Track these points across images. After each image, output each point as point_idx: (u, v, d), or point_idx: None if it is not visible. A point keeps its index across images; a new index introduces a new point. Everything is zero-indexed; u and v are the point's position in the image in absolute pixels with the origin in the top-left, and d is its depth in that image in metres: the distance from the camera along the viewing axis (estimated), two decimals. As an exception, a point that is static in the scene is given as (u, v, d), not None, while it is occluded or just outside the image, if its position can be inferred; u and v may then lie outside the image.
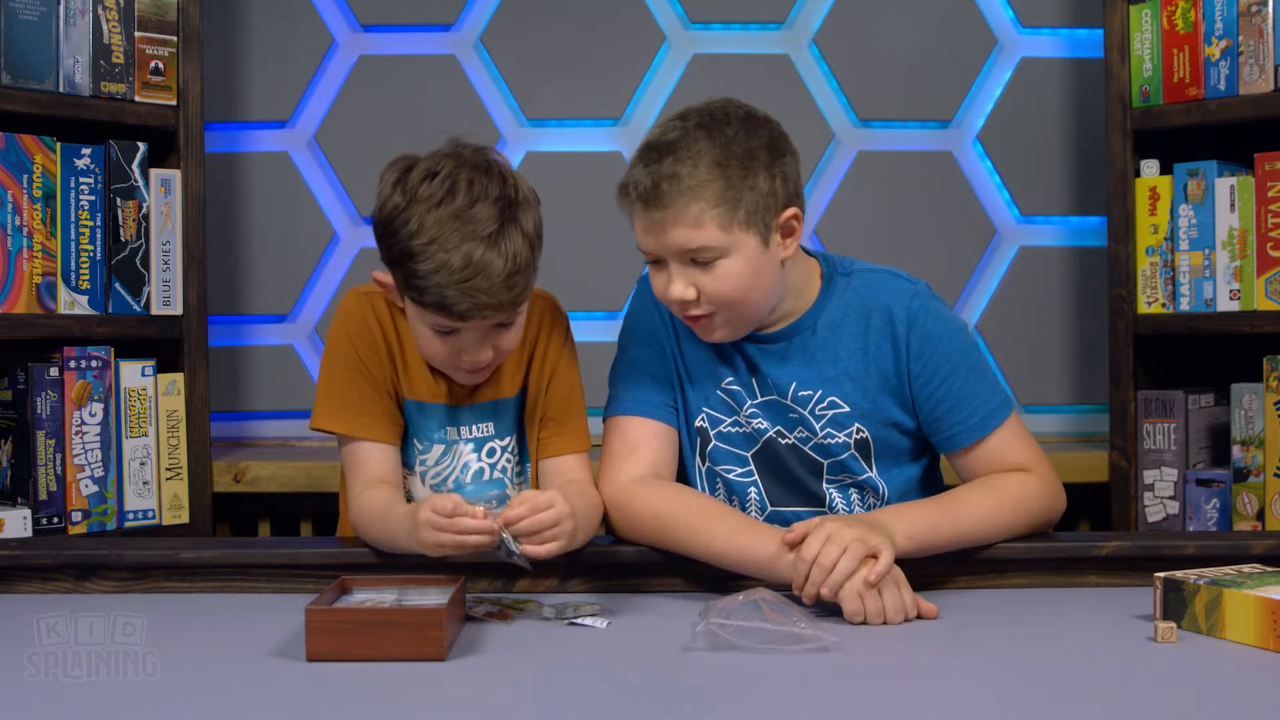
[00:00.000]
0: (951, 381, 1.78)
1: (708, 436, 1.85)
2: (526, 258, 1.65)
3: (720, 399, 1.84)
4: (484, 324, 1.67)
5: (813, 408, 1.80)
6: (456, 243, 1.61)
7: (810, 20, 2.84)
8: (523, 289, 1.66)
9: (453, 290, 1.61)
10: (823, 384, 1.80)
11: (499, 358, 1.74)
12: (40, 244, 2.29)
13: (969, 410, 1.78)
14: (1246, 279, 2.36)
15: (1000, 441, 1.79)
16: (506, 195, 1.65)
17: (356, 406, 1.77)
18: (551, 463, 1.81)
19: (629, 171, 1.72)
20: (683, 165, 1.67)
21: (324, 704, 1.26)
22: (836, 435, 1.80)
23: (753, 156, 1.69)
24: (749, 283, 1.71)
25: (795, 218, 1.73)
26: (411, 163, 1.69)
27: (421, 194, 1.64)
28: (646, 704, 1.28)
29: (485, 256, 1.61)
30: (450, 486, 1.82)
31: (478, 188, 1.64)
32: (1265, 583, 1.48)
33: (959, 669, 1.38)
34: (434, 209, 1.62)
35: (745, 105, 1.75)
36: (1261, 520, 2.33)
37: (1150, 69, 2.47)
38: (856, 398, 1.79)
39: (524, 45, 2.83)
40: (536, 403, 1.82)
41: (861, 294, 1.81)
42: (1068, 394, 2.86)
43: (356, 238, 2.83)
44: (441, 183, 1.64)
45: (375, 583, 1.54)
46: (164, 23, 2.44)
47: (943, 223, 2.84)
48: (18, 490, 2.30)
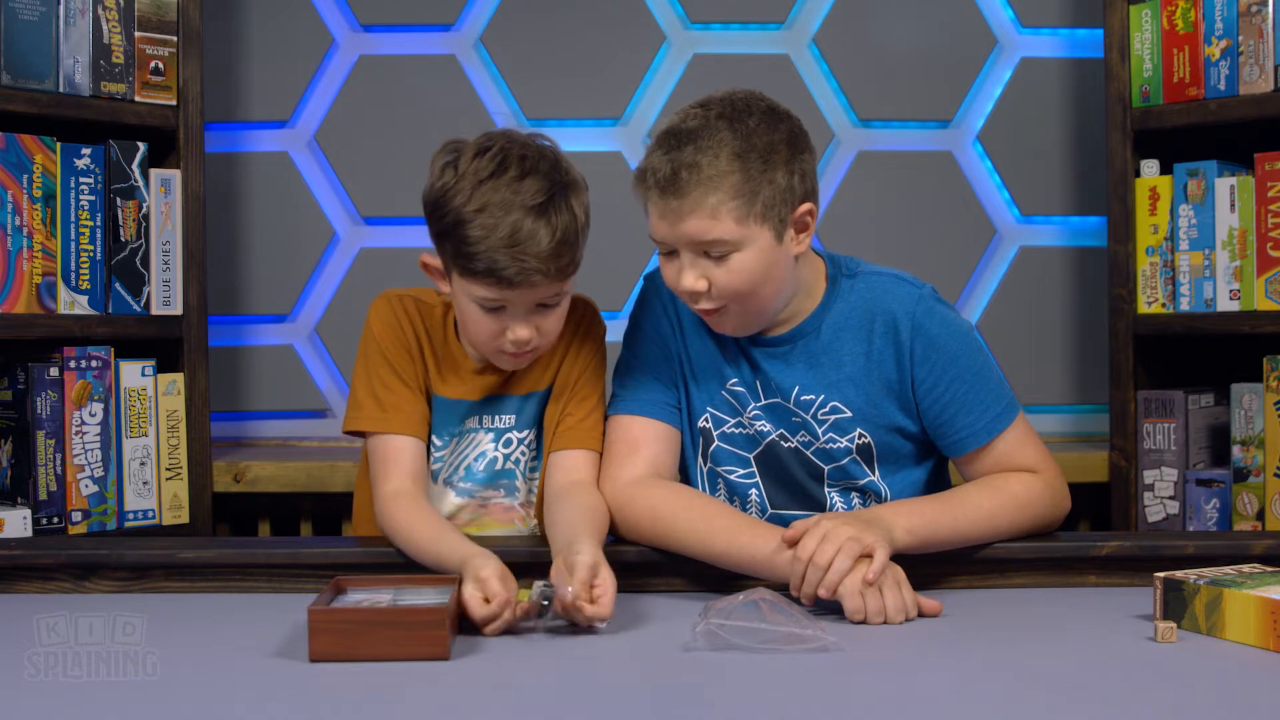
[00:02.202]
0: (956, 388, 1.77)
1: (710, 437, 1.84)
2: (574, 231, 1.69)
3: (725, 400, 1.83)
4: (530, 296, 1.69)
5: (815, 412, 1.79)
6: (506, 210, 1.66)
7: (810, 20, 2.84)
8: (569, 261, 1.69)
9: (502, 255, 1.65)
10: (825, 389, 1.79)
11: (543, 343, 1.75)
12: (40, 244, 2.29)
13: (974, 415, 1.77)
14: (1246, 279, 2.36)
15: (1006, 445, 1.78)
16: (557, 172, 1.71)
17: (385, 403, 1.79)
18: (562, 455, 1.81)
19: (647, 157, 1.71)
20: (703, 155, 1.66)
21: (324, 704, 1.26)
22: (839, 440, 1.80)
23: (773, 150, 1.69)
24: (760, 278, 1.71)
25: (810, 213, 1.73)
26: (461, 145, 1.73)
27: (473, 169, 1.69)
28: (647, 704, 1.28)
29: (534, 225, 1.65)
30: (461, 474, 1.84)
31: (529, 162, 1.69)
32: (1265, 583, 1.48)
33: (959, 669, 1.38)
34: (485, 180, 1.67)
35: (768, 99, 1.75)
36: (1261, 520, 2.33)
37: (1150, 69, 2.47)
38: (859, 403, 1.79)
39: (524, 45, 2.83)
40: (560, 398, 1.83)
41: (866, 297, 1.79)
42: (1068, 394, 2.86)
43: (356, 238, 2.83)
44: (493, 158, 1.69)
45: (370, 583, 1.54)
46: (164, 23, 2.44)
47: (943, 223, 2.84)
48: (18, 490, 2.30)
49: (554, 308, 1.74)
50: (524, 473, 1.86)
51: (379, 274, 2.75)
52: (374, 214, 2.82)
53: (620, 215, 1.79)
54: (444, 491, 1.85)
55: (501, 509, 1.85)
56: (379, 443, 1.80)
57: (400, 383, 1.80)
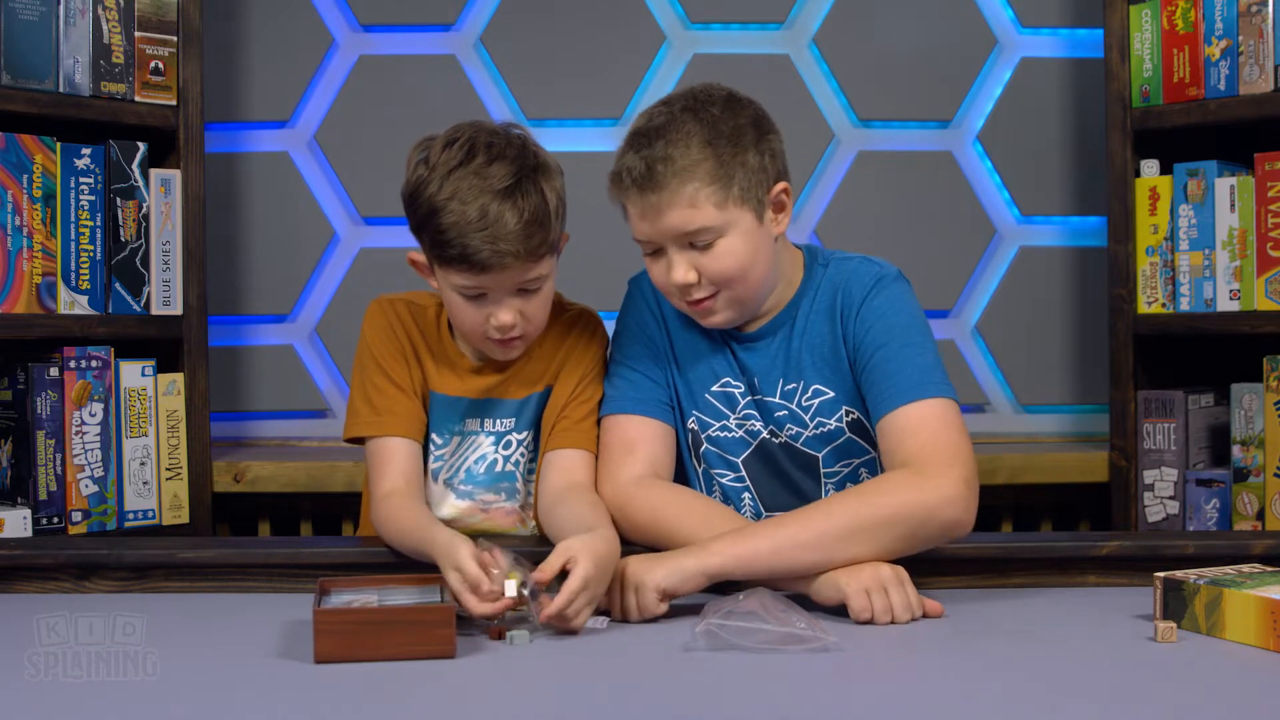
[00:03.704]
0: (884, 353, 1.72)
1: (699, 439, 1.85)
2: (544, 212, 1.71)
3: (710, 403, 1.84)
4: (506, 280, 1.71)
5: (799, 400, 1.80)
6: (474, 196, 1.68)
7: (810, 20, 2.84)
8: (540, 242, 1.71)
9: (474, 239, 1.67)
10: (804, 374, 1.80)
11: (529, 329, 1.77)
12: (40, 244, 2.29)
13: (894, 381, 1.70)
14: (1246, 279, 2.36)
15: (915, 418, 1.67)
16: (525, 157, 1.73)
17: (378, 407, 1.81)
18: (558, 454, 1.82)
19: (620, 159, 1.74)
20: (674, 147, 1.69)
21: (324, 704, 1.26)
22: (828, 422, 1.80)
23: (740, 133, 1.71)
24: (749, 260, 1.72)
25: (785, 192, 1.76)
26: (433, 140, 1.76)
27: (443, 160, 1.72)
28: (647, 704, 1.28)
29: (500, 207, 1.68)
30: (462, 476, 1.84)
31: (495, 149, 1.72)
32: (1265, 583, 1.48)
33: (959, 669, 1.38)
34: (455, 169, 1.70)
35: (726, 87, 1.78)
36: (1261, 520, 2.33)
37: (1150, 69, 2.47)
38: (837, 381, 1.79)
39: (524, 45, 2.83)
40: (559, 400, 1.84)
41: (834, 280, 1.81)
42: (1068, 394, 2.86)
43: (356, 238, 2.83)
44: (460, 147, 1.72)
45: (354, 583, 1.54)
46: (164, 23, 2.44)
47: (943, 223, 2.84)
48: (18, 490, 2.30)
49: (535, 292, 1.75)
50: (523, 475, 1.86)
51: (379, 274, 2.75)
52: (374, 214, 2.82)
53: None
54: (445, 494, 1.85)
55: (503, 513, 1.85)
56: (374, 446, 1.81)
57: (393, 386, 1.81)
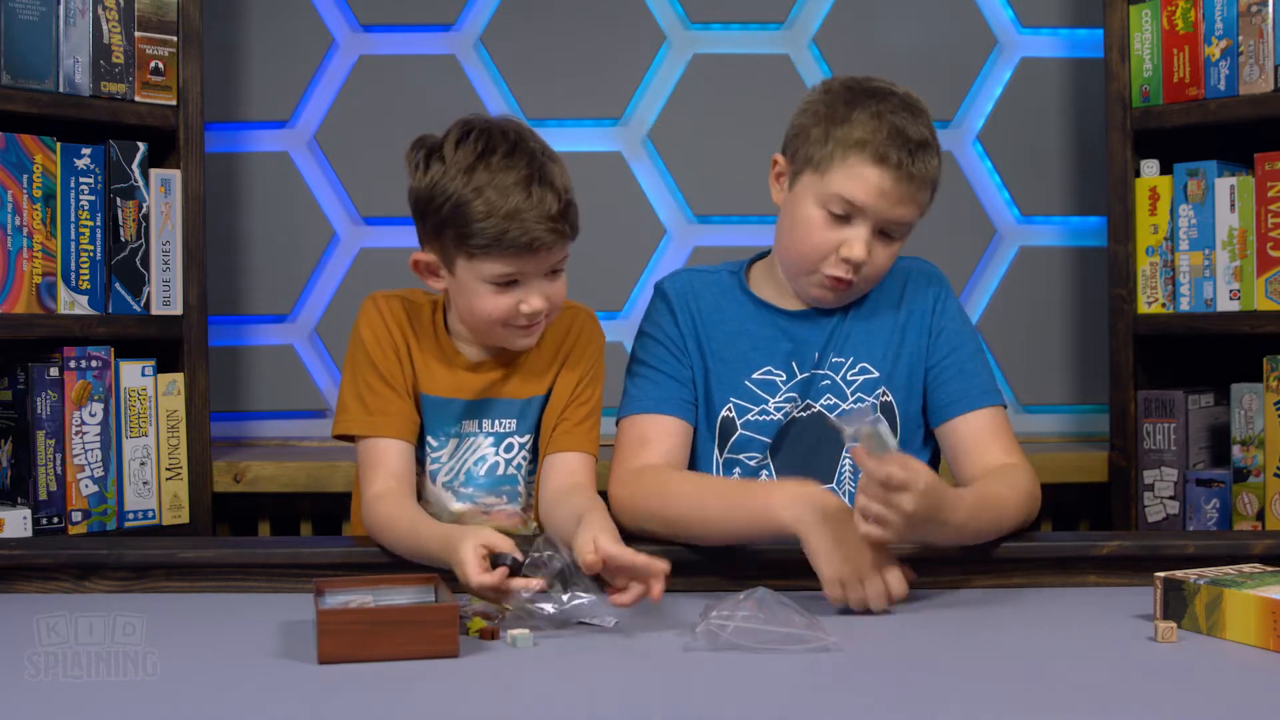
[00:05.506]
0: (960, 354, 1.87)
1: (734, 427, 1.87)
2: (572, 191, 1.74)
3: (749, 389, 1.87)
4: (544, 261, 1.72)
5: (844, 374, 1.86)
6: (508, 184, 1.69)
7: (810, 20, 2.84)
8: (574, 221, 1.74)
9: (514, 225, 1.68)
10: (854, 350, 1.86)
11: (551, 311, 1.78)
12: (40, 244, 2.29)
13: (969, 382, 1.85)
14: (1246, 279, 2.36)
15: (989, 422, 1.84)
16: (537, 144, 1.75)
17: (370, 406, 1.80)
18: (558, 457, 1.82)
19: (879, 128, 1.77)
20: (932, 159, 1.81)
21: (325, 704, 1.26)
22: (866, 399, 1.86)
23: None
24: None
25: None
26: (433, 140, 1.76)
27: (460, 157, 1.71)
28: (647, 704, 1.28)
29: (537, 190, 1.70)
30: (462, 479, 1.84)
31: (512, 137, 1.73)
32: (1265, 583, 1.48)
33: (959, 669, 1.38)
34: (476, 163, 1.70)
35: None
36: (1261, 520, 2.33)
37: (1150, 69, 2.47)
38: (887, 365, 1.86)
39: (524, 45, 2.83)
40: (558, 403, 1.84)
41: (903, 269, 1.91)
42: (1068, 394, 2.86)
43: (356, 238, 2.83)
44: (475, 141, 1.72)
45: (347, 584, 1.54)
46: (164, 23, 2.44)
47: (943, 223, 2.83)
48: (18, 490, 2.30)
49: (561, 273, 1.77)
50: (525, 477, 1.86)
51: (379, 274, 2.75)
52: (374, 214, 2.82)
53: (620, 215, 1.79)
54: (446, 497, 1.85)
55: (505, 516, 1.85)
56: (365, 446, 1.80)
57: (386, 386, 1.80)
